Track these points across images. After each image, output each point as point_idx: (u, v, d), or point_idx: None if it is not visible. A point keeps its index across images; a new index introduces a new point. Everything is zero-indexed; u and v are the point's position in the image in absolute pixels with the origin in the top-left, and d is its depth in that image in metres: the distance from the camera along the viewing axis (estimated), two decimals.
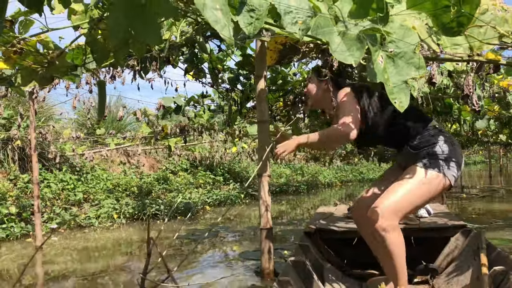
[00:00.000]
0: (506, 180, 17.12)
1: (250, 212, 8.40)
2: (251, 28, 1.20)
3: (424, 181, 2.06)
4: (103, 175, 8.43)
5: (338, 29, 1.38)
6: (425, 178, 2.06)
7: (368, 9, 1.10)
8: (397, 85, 1.47)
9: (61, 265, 4.23)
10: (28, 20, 2.21)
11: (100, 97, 2.78)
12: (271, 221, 3.25)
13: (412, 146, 2.16)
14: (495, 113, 5.34)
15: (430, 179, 2.05)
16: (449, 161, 2.07)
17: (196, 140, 8.19)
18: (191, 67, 4.03)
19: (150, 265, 1.68)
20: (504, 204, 8.00)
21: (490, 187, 12.65)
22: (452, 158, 2.08)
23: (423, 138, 2.14)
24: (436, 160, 2.07)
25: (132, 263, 4.27)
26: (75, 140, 7.30)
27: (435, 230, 3.05)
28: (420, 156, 2.12)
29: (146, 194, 8.68)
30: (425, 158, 2.10)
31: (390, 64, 1.49)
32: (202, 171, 11.16)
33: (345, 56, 1.30)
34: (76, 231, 6.39)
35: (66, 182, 7.50)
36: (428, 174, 2.06)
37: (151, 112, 5.88)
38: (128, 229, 6.63)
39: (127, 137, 7.05)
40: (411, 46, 1.47)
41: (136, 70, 3.62)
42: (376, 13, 1.07)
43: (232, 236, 5.72)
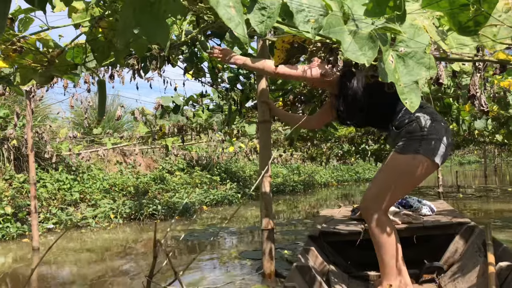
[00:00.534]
0: (500, 179, 17.21)
1: (247, 212, 8.37)
2: (262, 26, 1.18)
3: (400, 167, 2.05)
4: (99, 174, 8.37)
5: (348, 28, 1.36)
6: (400, 164, 2.05)
7: (385, 7, 1.08)
8: (407, 85, 1.45)
9: (58, 267, 4.18)
10: (28, 18, 2.17)
11: (100, 97, 2.74)
12: (272, 222, 3.22)
13: (395, 125, 2.14)
14: (494, 113, 5.35)
15: (406, 164, 2.03)
16: (429, 139, 2.01)
17: (194, 140, 8.15)
18: (191, 66, 4.00)
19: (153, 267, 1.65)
20: (501, 204, 8.03)
21: (486, 187, 12.70)
22: (433, 135, 2.01)
23: (403, 116, 2.11)
24: (412, 140, 2.03)
25: (131, 265, 4.23)
26: (71, 139, 7.24)
27: (439, 228, 3.03)
28: (401, 135, 2.09)
29: (142, 194, 8.63)
30: (404, 138, 2.07)
31: (401, 64, 1.47)
32: (198, 170, 11.13)
33: (357, 56, 1.28)
34: (72, 231, 6.34)
35: (62, 182, 7.44)
36: (403, 159, 2.04)
37: (149, 112, 5.84)
38: (125, 229, 6.58)
39: (124, 137, 7.00)
40: (421, 46, 1.45)
41: (136, 69, 3.59)
42: (393, 11, 1.05)
43: (230, 236, 5.69)
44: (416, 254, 2.99)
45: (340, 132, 8.38)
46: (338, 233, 3.08)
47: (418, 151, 2.01)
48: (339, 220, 3.60)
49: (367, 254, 2.87)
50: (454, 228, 2.99)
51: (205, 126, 6.08)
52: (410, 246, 3.00)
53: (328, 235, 3.08)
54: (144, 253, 4.75)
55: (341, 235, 3.07)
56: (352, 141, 9.15)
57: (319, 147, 11.71)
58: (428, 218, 3.28)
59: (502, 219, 5.88)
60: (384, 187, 2.13)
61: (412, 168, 2.04)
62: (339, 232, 3.09)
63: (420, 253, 2.99)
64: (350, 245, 3.08)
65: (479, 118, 5.63)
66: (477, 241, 2.65)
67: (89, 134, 8.52)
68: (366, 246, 2.93)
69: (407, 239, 2.96)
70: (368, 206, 2.18)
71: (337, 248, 3.10)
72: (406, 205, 3.59)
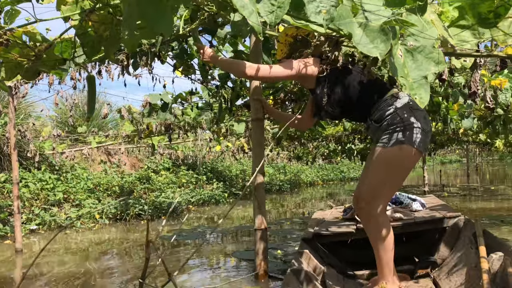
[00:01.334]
0: (481, 178, 17.48)
1: (234, 211, 8.31)
2: (272, 16, 1.12)
3: (388, 160, 2.06)
4: (83, 174, 8.19)
5: (358, 21, 1.31)
6: (388, 157, 2.05)
7: None
8: (416, 80, 1.41)
9: (42, 269, 4.06)
10: (14, 10, 2.07)
11: (90, 93, 2.65)
12: (265, 221, 3.17)
13: (374, 120, 2.13)
14: (481, 112, 5.39)
15: (394, 156, 2.04)
16: (411, 128, 2.02)
17: (182, 139, 8.04)
18: (181, 63, 3.92)
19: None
20: (486, 203, 8.13)
21: (469, 186, 12.88)
22: (413, 124, 2.03)
23: (381, 109, 2.10)
24: (395, 132, 2.04)
25: (117, 266, 4.13)
26: (55, 138, 7.06)
27: (430, 222, 3.05)
28: (382, 129, 2.09)
29: (128, 193, 8.49)
30: (386, 131, 2.07)
31: (409, 58, 1.43)
32: (184, 170, 11.01)
33: (369, 49, 1.23)
34: (56, 232, 6.18)
35: (45, 182, 7.26)
36: (390, 152, 2.04)
37: (136, 110, 5.73)
38: (111, 229, 6.45)
39: (109, 135, 6.85)
40: (430, 40, 1.41)
41: (125, 65, 3.49)
42: (415, 1, 1.00)
43: (219, 236, 5.62)
44: (409, 250, 3.02)
45: (327, 131, 8.38)
46: (332, 234, 3.08)
47: (403, 142, 2.02)
48: (331, 221, 3.59)
49: (361, 253, 2.90)
50: (445, 222, 3.01)
51: (193, 125, 6.00)
52: (403, 242, 3.00)
53: (321, 236, 3.07)
54: (130, 254, 4.65)
55: (335, 236, 3.07)
56: (339, 140, 9.16)
57: (306, 146, 11.72)
58: (419, 214, 3.30)
59: (489, 217, 5.94)
60: (377, 183, 2.13)
61: (400, 159, 2.06)
62: (332, 233, 3.09)
63: (413, 248, 3.01)
64: (344, 246, 3.08)
65: (466, 117, 5.66)
66: (469, 234, 2.66)
67: (73, 133, 8.33)
68: (360, 246, 2.96)
69: (400, 236, 2.95)
70: (364, 205, 2.16)
71: (331, 249, 3.08)
72: (396, 202, 3.59)
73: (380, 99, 2.13)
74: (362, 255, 2.86)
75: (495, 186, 12.00)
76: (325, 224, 3.43)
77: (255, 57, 3.23)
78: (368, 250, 2.37)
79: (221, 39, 3.85)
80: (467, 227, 2.81)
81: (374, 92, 2.15)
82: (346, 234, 3.03)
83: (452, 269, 2.49)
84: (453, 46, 1.49)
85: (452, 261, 2.58)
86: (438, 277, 2.51)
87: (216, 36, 3.66)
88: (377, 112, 2.12)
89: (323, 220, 3.65)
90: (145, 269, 1.71)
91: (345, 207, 3.83)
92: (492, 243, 2.32)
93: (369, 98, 2.16)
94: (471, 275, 2.21)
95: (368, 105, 2.16)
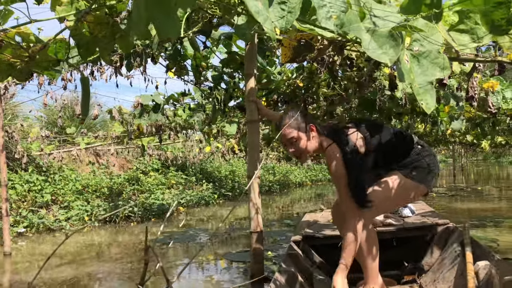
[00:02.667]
0: (466, 178, 17.71)
1: (224, 212, 8.28)
2: (283, 22, 1.10)
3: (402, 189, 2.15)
4: (71, 175, 8.08)
5: (365, 26, 1.30)
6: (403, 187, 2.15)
7: (421, 4, 1.02)
8: (422, 85, 1.41)
9: (29, 273, 3.98)
10: (8, 10, 2.02)
11: (84, 95, 2.60)
12: (261, 224, 3.16)
13: (400, 165, 2.22)
14: (471, 114, 5.45)
15: (410, 188, 2.16)
16: (431, 173, 2.19)
17: (173, 140, 7.99)
18: (174, 64, 3.89)
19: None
20: (475, 203, 8.23)
21: (456, 186, 13.03)
22: (433, 170, 2.20)
23: (410, 157, 2.21)
24: (419, 172, 2.17)
25: (106, 269, 4.07)
26: (43, 139, 6.94)
27: (419, 229, 3.08)
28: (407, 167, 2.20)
29: (117, 195, 8.40)
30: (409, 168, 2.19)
31: (415, 63, 1.42)
32: (173, 171, 10.93)
33: (378, 54, 1.22)
34: (45, 235, 6.09)
35: (32, 183, 7.14)
36: (409, 183, 2.15)
37: (126, 111, 5.66)
38: (101, 232, 6.37)
39: (99, 136, 6.76)
40: (435, 46, 1.41)
41: (118, 66, 3.45)
42: (430, 9, 1.00)
43: (210, 238, 5.59)
44: (397, 255, 3.01)
45: None
46: (321, 237, 3.09)
47: (422, 182, 2.17)
48: (321, 224, 3.59)
49: None
50: (434, 229, 3.05)
51: (185, 126, 5.95)
52: (391, 248, 3.02)
53: (311, 239, 3.09)
54: (121, 258, 4.59)
55: (324, 238, 3.08)
56: None
57: None
58: (409, 220, 3.31)
59: (478, 218, 6.01)
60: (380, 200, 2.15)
61: (411, 193, 2.19)
62: (322, 235, 3.10)
63: (401, 254, 3.01)
64: (333, 248, 3.04)
65: (456, 119, 5.71)
66: (456, 241, 2.69)
67: (61, 134, 8.20)
68: None
69: (388, 241, 2.99)
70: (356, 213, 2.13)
71: (320, 251, 3.09)
72: None
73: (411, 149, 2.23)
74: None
75: (481, 187, 12.16)
76: (315, 226, 3.44)
77: (250, 59, 3.21)
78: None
79: (215, 40, 3.83)
80: (455, 235, 2.84)
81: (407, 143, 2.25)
82: (336, 237, 3.02)
83: (438, 275, 2.51)
84: (457, 51, 1.49)
85: (439, 268, 2.61)
86: (425, 283, 2.52)
87: (210, 38, 3.64)
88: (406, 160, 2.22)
89: (313, 222, 3.65)
90: (143, 274, 1.68)
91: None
92: (479, 252, 2.34)
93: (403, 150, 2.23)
94: (457, 282, 2.24)
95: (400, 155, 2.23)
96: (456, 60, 1.53)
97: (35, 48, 2.23)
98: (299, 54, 1.56)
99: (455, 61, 1.57)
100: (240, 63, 3.79)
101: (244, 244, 4.90)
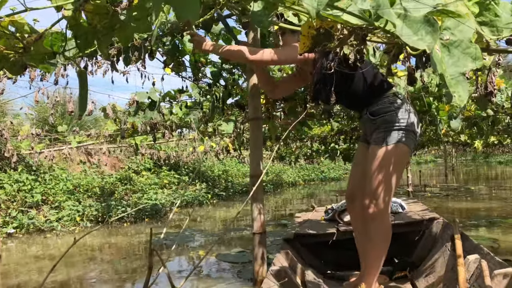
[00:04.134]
0: (457, 178, 17.79)
1: (216, 212, 8.17)
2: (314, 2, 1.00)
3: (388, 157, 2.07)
4: (62, 175, 7.90)
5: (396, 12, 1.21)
6: (387, 154, 2.07)
7: None
8: (454, 77, 1.32)
9: (22, 278, 3.83)
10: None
11: (81, 89, 2.48)
12: (265, 225, 3.05)
13: (371, 112, 2.15)
14: (471, 113, 5.40)
15: (393, 154, 2.07)
16: (406, 130, 2.08)
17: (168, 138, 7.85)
18: (171, 59, 3.77)
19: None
20: (472, 203, 8.21)
21: (450, 186, 13.05)
22: (409, 127, 2.09)
23: (381, 104, 2.13)
24: (391, 131, 2.08)
25: (98, 272, 3.94)
26: (34, 137, 6.76)
27: (410, 224, 3.11)
28: (377, 123, 2.12)
29: (109, 195, 8.23)
30: (381, 129, 2.10)
31: (445, 53, 1.33)
32: (166, 170, 10.77)
33: (413, 41, 1.13)
34: (35, 236, 5.91)
35: (22, 183, 6.95)
36: (389, 150, 2.07)
37: (120, 108, 5.52)
38: (93, 233, 6.22)
39: (91, 135, 6.60)
40: (467, 35, 1.33)
41: (115, 60, 3.32)
42: None
43: (206, 239, 5.47)
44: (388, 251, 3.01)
45: (314, 131, 8.32)
46: (313, 235, 3.11)
47: (399, 141, 2.07)
48: (313, 222, 3.59)
49: (342, 254, 2.95)
50: (424, 224, 3.09)
51: (180, 124, 5.82)
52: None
53: (303, 237, 3.10)
54: (114, 260, 4.45)
55: (316, 236, 3.09)
56: (324, 140, 9.12)
57: (289, 146, 11.65)
58: (398, 216, 3.34)
59: (476, 218, 5.97)
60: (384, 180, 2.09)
61: (398, 157, 2.09)
62: (314, 234, 3.11)
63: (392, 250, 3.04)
64: (325, 246, 3.12)
65: (454, 118, 5.67)
66: (446, 236, 2.72)
67: (52, 132, 8.00)
68: (340, 247, 2.99)
69: None
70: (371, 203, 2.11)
71: (312, 250, 3.10)
72: None
73: (382, 94, 2.14)
74: (343, 256, 2.90)
75: (475, 186, 12.19)
76: (306, 225, 3.44)
77: None
78: (349, 251, 2.45)
79: (214, 35, 3.72)
80: (445, 230, 2.86)
81: (377, 85, 2.16)
82: (328, 235, 3.06)
83: (429, 270, 2.53)
84: (488, 41, 1.40)
85: (430, 263, 2.63)
86: (416, 278, 2.54)
87: (211, 33, 3.53)
88: (376, 105, 2.13)
89: (305, 221, 3.65)
90: (147, 280, 1.56)
91: (326, 208, 3.81)
92: (469, 246, 2.36)
93: (371, 90, 2.15)
94: (448, 276, 2.25)
95: (369, 96, 2.16)
96: (486, 51, 1.44)
97: (30, 39, 2.10)
98: (319, 43, 1.46)
99: (485, 52, 1.48)
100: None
101: (239, 245, 4.80)
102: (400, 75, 4.38)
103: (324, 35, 1.45)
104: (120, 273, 3.78)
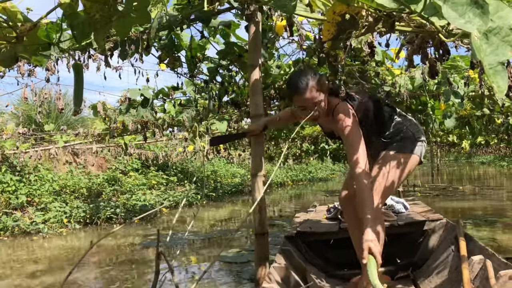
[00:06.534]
0: (442, 178, 17.94)
1: (205, 213, 8.04)
2: None
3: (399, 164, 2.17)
4: (47, 175, 7.66)
5: None
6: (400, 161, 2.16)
7: None
8: (492, 66, 1.24)
9: (8, 281, 3.65)
10: None
11: (77, 83, 2.34)
12: (267, 225, 2.95)
13: (385, 137, 2.24)
14: (466, 112, 5.39)
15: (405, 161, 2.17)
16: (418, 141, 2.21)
17: (160, 138, 7.68)
18: (167, 55, 3.64)
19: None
20: (464, 202, 8.23)
21: (438, 186, 13.13)
22: (421, 138, 2.23)
23: (393, 127, 2.24)
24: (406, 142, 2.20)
25: (91, 278, 3.78)
26: (20, 136, 6.53)
27: (413, 224, 3.09)
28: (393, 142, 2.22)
29: (96, 196, 8.03)
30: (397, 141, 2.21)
31: (484, 41, 1.25)
32: (154, 171, 10.58)
33: (461, 24, 1.05)
34: (20, 238, 5.70)
35: (6, 184, 6.72)
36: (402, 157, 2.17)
37: (111, 106, 5.35)
38: (81, 234, 6.03)
39: (79, 134, 6.40)
40: (506, 21, 1.24)
41: (108, 55, 3.19)
42: None
43: (200, 241, 5.34)
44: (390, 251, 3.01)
45: (305, 131, 8.25)
46: (315, 233, 3.07)
47: (413, 151, 2.19)
48: (315, 220, 3.54)
49: (344, 253, 2.90)
50: (427, 225, 3.06)
51: (172, 123, 5.68)
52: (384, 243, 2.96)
53: (304, 235, 3.06)
54: (104, 264, 4.29)
55: (318, 234, 3.07)
56: (316, 141, 9.07)
57: (278, 147, 11.56)
58: (401, 215, 3.31)
59: (472, 217, 5.97)
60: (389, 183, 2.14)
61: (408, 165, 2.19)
62: (316, 232, 3.07)
63: (395, 250, 3.00)
64: (326, 245, 3.11)
65: (449, 117, 5.65)
66: (450, 237, 2.69)
67: (37, 131, 7.76)
68: (342, 245, 2.93)
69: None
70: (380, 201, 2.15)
71: (314, 248, 3.07)
72: None
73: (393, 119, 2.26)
74: (344, 254, 2.88)
75: (463, 186, 12.28)
76: (309, 223, 3.40)
77: (254, 48, 3.00)
78: (350, 250, 2.39)
79: (211, 30, 3.60)
80: (449, 230, 2.84)
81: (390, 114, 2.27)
82: (329, 233, 3.05)
83: (432, 271, 2.49)
84: None
85: (433, 263, 2.60)
86: (419, 278, 2.51)
87: (208, 26, 3.41)
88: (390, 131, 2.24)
89: (306, 219, 3.60)
90: (154, 284, 1.44)
91: (329, 207, 3.76)
92: (473, 247, 2.34)
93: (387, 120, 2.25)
94: (451, 277, 2.23)
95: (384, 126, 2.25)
96: None
97: (23, 28, 1.96)
98: (344, 31, 1.37)
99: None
100: (238, 55, 3.58)
101: (236, 246, 4.70)
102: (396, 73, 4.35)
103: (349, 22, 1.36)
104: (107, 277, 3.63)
